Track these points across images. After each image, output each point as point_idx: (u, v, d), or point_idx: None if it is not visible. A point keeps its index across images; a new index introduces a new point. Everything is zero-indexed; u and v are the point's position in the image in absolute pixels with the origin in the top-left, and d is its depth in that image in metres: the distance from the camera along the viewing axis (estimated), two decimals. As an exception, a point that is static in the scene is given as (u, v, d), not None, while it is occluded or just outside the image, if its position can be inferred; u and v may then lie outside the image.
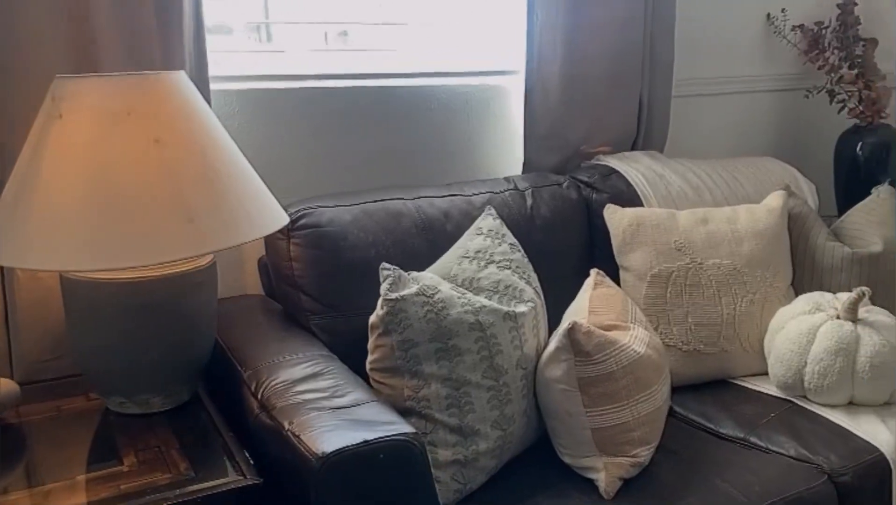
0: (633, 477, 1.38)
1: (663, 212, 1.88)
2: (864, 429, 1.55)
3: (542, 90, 1.99)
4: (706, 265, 1.80)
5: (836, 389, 1.61)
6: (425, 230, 1.67)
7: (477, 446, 1.33)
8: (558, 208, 1.88)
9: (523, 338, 1.41)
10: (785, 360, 1.67)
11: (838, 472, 1.45)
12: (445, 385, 1.32)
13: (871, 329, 1.62)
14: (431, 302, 1.33)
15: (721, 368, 1.79)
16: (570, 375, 1.35)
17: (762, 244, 1.83)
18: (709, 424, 1.63)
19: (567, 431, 1.38)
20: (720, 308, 1.78)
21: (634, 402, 1.38)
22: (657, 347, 1.50)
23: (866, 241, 1.90)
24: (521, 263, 1.54)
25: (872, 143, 2.40)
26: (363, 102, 1.89)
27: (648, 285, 1.80)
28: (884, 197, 1.99)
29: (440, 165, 1.99)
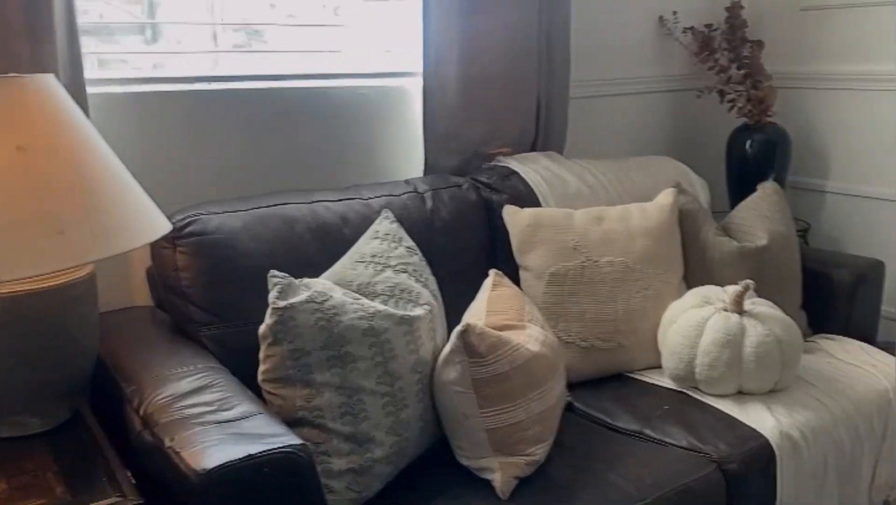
0: (529, 475, 1.39)
1: (560, 212, 1.91)
2: (751, 417, 1.62)
3: (439, 92, 1.99)
4: (601, 263, 1.84)
5: (724, 380, 1.67)
6: (321, 235, 1.65)
7: (372, 454, 1.31)
8: (458, 210, 1.88)
9: (419, 342, 1.40)
10: (677, 352, 1.72)
11: (726, 459, 1.50)
12: (339, 393, 1.30)
13: (755, 320, 1.69)
14: (322, 309, 1.31)
15: (618, 362, 1.84)
16: (465, 376, 1.35)
17: (654, 241, 1.88)
18: (606, 419, 1.66)
19: (463, 433, 1.39)
20: (615, 304, 1.82)
21: (528, 400, 1.39)
22: (552, 345, 1.52)
23: (753, 235, 1.98)
24: (418, 267, 1.54)
25: (760, 140, 2.50)
26: (255, 105, 1.84)
27: (547, 284, 1.82)
28: (769, 193, 2.08)
29: (338, 169, 1.97)
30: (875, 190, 2.45)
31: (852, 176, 2.52)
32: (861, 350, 1.92)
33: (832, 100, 2.53)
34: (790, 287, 1.98)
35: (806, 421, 1.61)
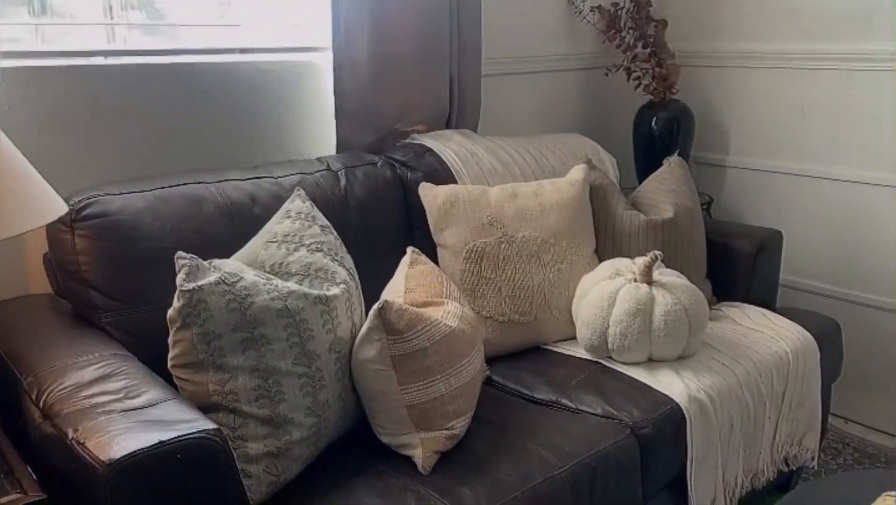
0: (450, 449, 1.39)
1: (476, 188, 1.91)
2: (662, 383, 1.67)
3: (350, 68, 1.96)
4: (517, 238, 1.86)
5: (636, 348, 1.72)
6: (230, 216, 1.59)
7: (290, 436, 1.28)
8: (373, 188, 1.86)
9: (336, 321, 1.38)
10: (590, 323, 1.76)
11: (640, 425, 1.55)
12: (254, 376, 1.27)
13: (664, 290, 1.74)
14: (234, 290, 1.27)
15: (535, 335, 1.86)
16: (384, 354, 1.34)
17: (566, 216, 1.92)
18: (524, 391, 1.69)
19: (383, 411, 1.38)
20: (531, 279, 1.85)
21: (448, 375, 1.39)
22: (470, 320, 1.52)
23: (660, 208, 2.04)
24: (333, 245, 1.51)
25: (665, 117, 2.58)
26: (158, 81, 1.76)
27: (464, 261, 1.83)
28: (674, 167, 2.15)
29: (246, 148, 1.91)
30: (773, 164, 2.57)
31: (752, 150, 2.63)
32: (762, 316, 2.01)
33: (731, 77, 2.63)
34: (696, 258, 2.06)
35: (712, 384, 1.68)
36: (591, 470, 1.41)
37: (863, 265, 2.42)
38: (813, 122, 2.46)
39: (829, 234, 2.48)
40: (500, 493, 1.29)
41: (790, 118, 2.51)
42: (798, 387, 1.87)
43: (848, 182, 2.41)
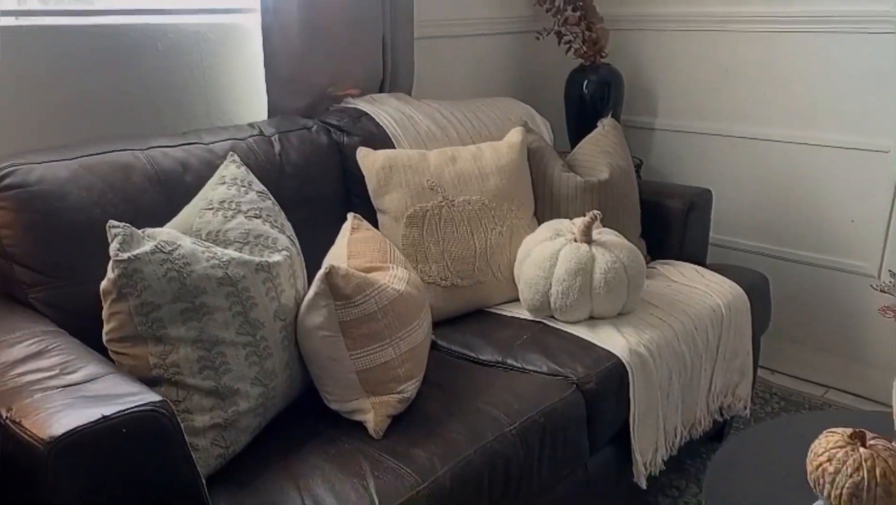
0: (401, 413, 1.39)
1: (415, 153, 1.89)
2: (603, 339, 1.70)
3: (280, 30, 1.89)
4: (457, 202, 1.85)
5: (577, 306, 1.75)
6: (160, 184, 1.53)
7: (237, 407, 1.25)
8: (308, 153, 1.81)
9: (279, 289, 1.34)
10: (532, 284, 1.78)
11: (584, 380, 1.57)
12: (196, 347, 1.22)
13: (603, 249, 1.77)
14: (172, 259, 1.21)
15: (478, 299, 1.87)
16: (332, 320, 1.31)
17: (506, 179, 1.92)
18: (470, 353, 1.69)
19: (332, 378, 1.35)
20: (472, 242, 1.84)
21: (397, 339, 1.38)
22: (416, 284, 1.51)
23: (595, 170, 2.07)
24: (272, 212, 1.47)
25: (596, 80, 2.60)
26: (75, 43, 1.66)
27: (405, 226, 1.81)
28: (608, 129, 2.18)
29: (172, 114, 1.83)
30: (700, 125, 2.64)
31: (679, 113, 2.69)
32: (695, 272, 2.08)
33: (659, 41, 2.68)
34: (631, 217, 2.10)
35: (651, 338, 1.72)
36: (540, 426, 1.43)
37: (788, 222, 2.52)
38: (737, 84, 2.53)
39: (754, 192, 2.57)
40: (453, 452, 1.29)
41: (715, 80, 2.58)
42: (731, 338, 1.94)
43: (770, 141, 2.49)
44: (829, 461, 0.97)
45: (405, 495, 1.19)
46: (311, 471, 1.23)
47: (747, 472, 1.14)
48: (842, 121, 2.34)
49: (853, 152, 2.34)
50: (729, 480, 1.14)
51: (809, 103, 2.39)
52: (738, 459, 1.20)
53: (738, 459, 1.19)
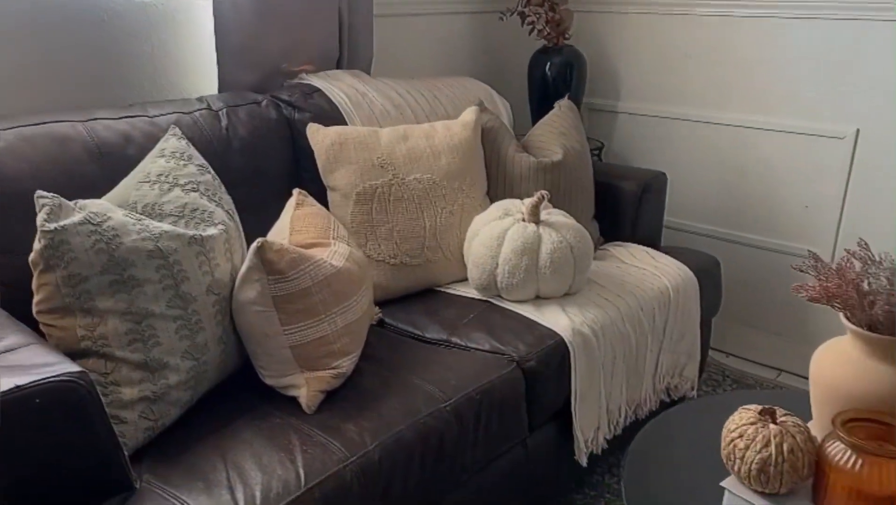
0: (337, 388, 1.39)
1: (365, 130, 1.88)
2: (548, 318, 1.71)
3: (232, 2, 1.87)
4: (408, 180, 1.85)
5: (523, 286, 1.76)
6: (101, 157, 1.51)
7: (167, 380, 1.25)
8: (257, 128, 1.80)
9: (214, 263, 1.34)
10: (480, 263, 1.78)
11: (525, 358, 1.58)
12: (125, 320, 1.22)
13: (551, 229, 1.77)
14: (101, 231, 1.20)
15: (427, 277, 1.87)
16: (265, 294, 1.31)
17: (458, 158, 1.92)
18: (416, 331, 1.70)
19: (266, 353, 1.35)
20: (423, 221, 1.84)
21: (333, 315, 1.38)
22: (358, 260, 1.51)
23: (549, 151, 2.07)
24: (210, 185, 1.46)
25: (559, 62, 2.60)
26: (15, 12, 1.63)
27: (354, 203, 1.80)
28: (564, 110, 2.18)
29: (119, 86, 1.81)
30: (661, 109, 2.65)
31: (641, 96, 2.70)
32: (646, 254, 2.09)
33: (622, 23, 2.67)
34: (584, 199, 2.10)
35: (596, 318, 1.73)
36: (476, 402, 1.44)
37: (743, 206, 2.54)
38: (698, 68, 2.54)
39: (712, 176, 2.59)
40: (384, 427, 1.30)
41: (677, 64, 2.58)
42: (678, 320, 1.96)
43: (729, 126, 2.51)
44: (739, 437, 0.99)
45: (332, 469, 1.19)
46: (240, 445, 1.23)
47: (669, 450, 1.15)
48: (798, 106, 2.36)
49: (808, 138, 2.36)
50: (650, 457, 1.16)
51: (767, 88, 2.40)
52: (661, 437, 1.21)
53: (661, 438, 1.21)
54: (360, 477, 1.21)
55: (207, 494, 1.11)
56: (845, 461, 0.92)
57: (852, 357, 1.02)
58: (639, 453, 1.16)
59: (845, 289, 0.99)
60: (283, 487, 1.14)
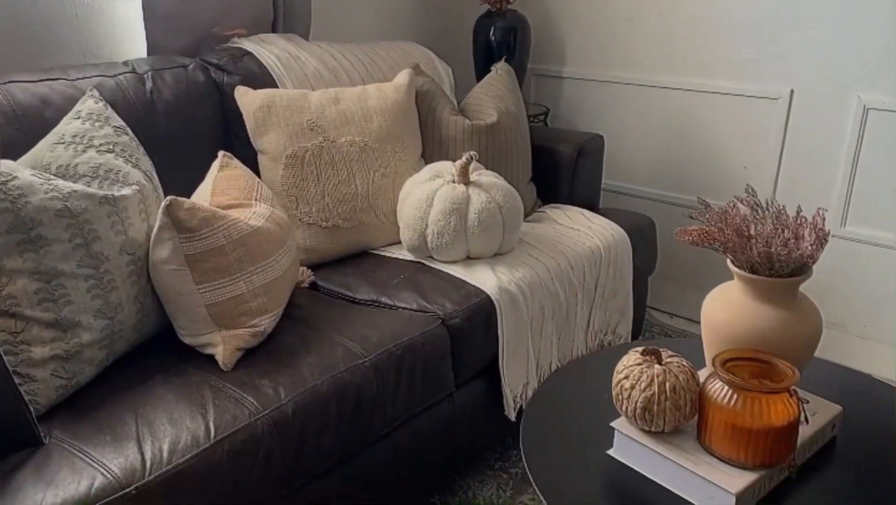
0: (257, 347, 1.41)
1: (295, 92, 1.87)
2: (477, 278, 1.73)
3: (157, -35, 1.85)
4: (339, 143, 1.85)
5: (453, 246, 1.77)
6: (17, 119, 1.50)
7: (80, 339, 1.25)
8: (184, 92, 1.79)
9: (127, 222, 1.34)
10: (410, 225, 1.79)
11: (450, 316, 1.60)
12: (34, 279, 1.22)
13: (480, 189, 1.79)
14: (5, 190, 1.20)
15: (360, 240, 1.88)
16: (177, 253, 1.32)
17: (390, 120, 1.92)
18: (347, 293, 1.71)
19: (182, 312, 1.36)
20: (355, 184, 1.85)
21: (249, 274, 1.39)
22: (279, 221, 1.52)
23: (484, 113, 2.08)
24: (127, 146, 1.45)
25: (503, 27, 2.60)
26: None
27: (284, 166, 1.80)
28: (500, 74, 2.18)
29: (44, 51, 1.78)
30: (606, 73, 2.66)
31: (586, 61, 2.71)
32: (581, 215, 2.11)
33: (565, -13, 2.68)
34: (520, 161, 2.12)
35: (524, 277, 1.76)
36: (397, 358, 1.46)
37: (684, 168, 2.57)
38: (640, 33, 2.55)
39: (654, 140, 2.61)
40: (300, 382, 1.31)
41: (620, 29, 2.59)
42: (610, 279, 1.99)
43: (670, 89, 2.53)
44: (626, 378, 1.02)
45: (243, 423, 1.21)
46: (153, 401, 1.24)
47: (571, 397, 1.18)
48: (736, 69, 2.38)
49: (746, 99, 2.39)
50: (551, 405, 1.19)
51: (706, 51, 2.42)
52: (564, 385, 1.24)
53: (564, 386, 1.23)
54: (272, 430, 1.23)
55: (114, 446, 1.12)
56: (723, 398, 0.95)
57: (737, 299, 1.05)
58: (540, 401, 1.19)
59: (726, 232, 1.02)
60: (192, 439, 1.16)
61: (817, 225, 1.00)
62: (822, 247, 1.00)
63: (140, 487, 1.06)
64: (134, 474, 1.08)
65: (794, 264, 0.99)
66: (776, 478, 0.99)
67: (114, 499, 1.04)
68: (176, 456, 1.12)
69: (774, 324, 1.01)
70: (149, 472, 1.09)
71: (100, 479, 1.06)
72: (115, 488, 1.05)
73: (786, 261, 0.99)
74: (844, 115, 2.22)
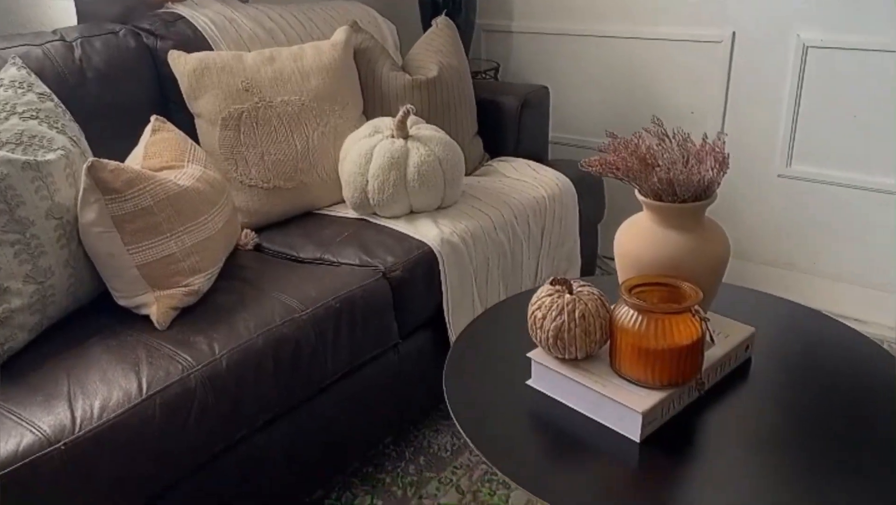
0: (193, 306, 1.41)
1: (229, 54, 1.86)
2: (420, 231, 1.75)
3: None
4: (276, 103, 1.84)
5: (395, 201, 1.78)
6: (-62, 90, 1.48)
7: (9, 304, 1.25)
8: (114, 59, 1.77)
9: (53, 188, 1.33)
10: (351, 182, 1.80)
11: (391, 269, 1.62)
12: (-42, 246, 1.22)
13: (419, 143, 1.79)
14: (-79, 158, 1.19)
15: (304, 201, 1.88)
16: (103, 215, 1.32)
17: (329, 78, 1.91)
18: (291, 252, 1.72)
19: (114, 274, 1.37)
20: (294, 144, 1.85)
21: (179, 233, 1.39)
22: (211, 181, 1.52)
23: (425, 68, 2.08)
24: (51, 113, 1.44)
25: (447, -17, 2.58)
26: None
27: (221, 129, 1.80)
28: (441, 28, 2.17)
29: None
30: (553, 26, 2.66)
31: (533, 14, 2.70)
32: (528, 167, 2.13)
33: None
34: (464, 115, 2.12)
35: (466, 228, 1.77)
36: (335, 311, 1.47)
37: (633, 117, 2.58)
38: (583, -19, 2.54)
39: (605, 89, 2.62)
40: (235, 337, 1.33)
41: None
42: (556, 227, 2.01)
43: (616, 38, 2.53)
44: (538, 309, 1.04)
45: (176, 377, 1.22)
46: (87, 362, 1.25)
47: (496, 334, 1.20)
48: (678, 14, 2.38)
49: (689, 44, 2.40)
50: (476, 341, 1.21)
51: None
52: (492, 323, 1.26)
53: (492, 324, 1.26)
54: (205, 384, 1.24)
55: (44, 406, 1.13)
56: (630, 322, 0.97)
57: (646, 228, 1.07)
58: (465, 339, 1.21)
59: (628, 161, 1.03)
60: (124, 395, 1.17)
61: (717, 149, 1.02)
62: (723, 171, 1.02)
63: (69, 443, 1.08)
64: (63, 431, 1.09)
65: (695, 189, 1.01)
66: (686, 398, 1.02)
67: (42, 455, 1.05)
68: (107, 412, 1.14)
69: (681, 249, 1.03)
70: (79, 428, 1.10)
71: (28, 436, 1.07)
72: (43, 445, 1.06)
73: (686, 185, 1.01)
74: (785, 55, 2.24)
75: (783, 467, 0.92)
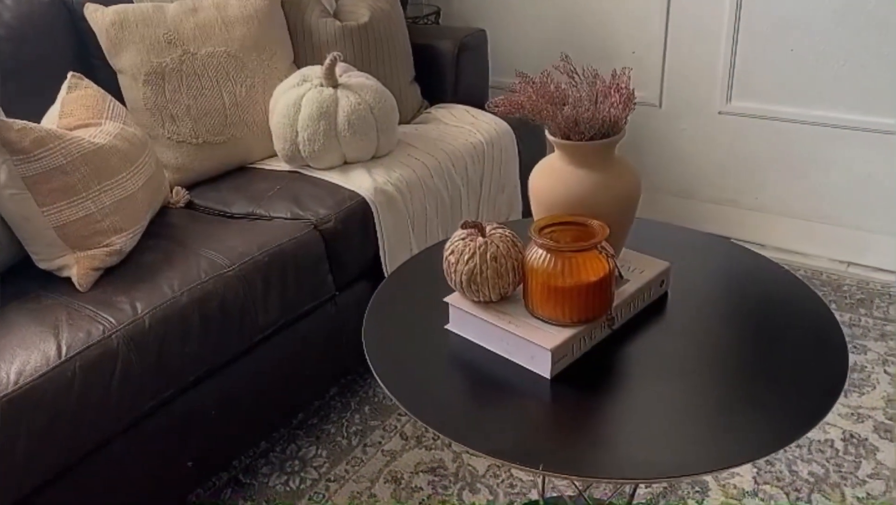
0: (116, 266, 1.39)
1: (148, 5, 1.80)
2: (353, 182, 1.73)
3: None
4: (200, 55, 1.79)
5: (327, 152, 1.76)
6: None
7: (-80, 272, 1.22)
8: (26, 14, 1.70)
9: (-40, 150, 1.29)
10: (281, 134, 1.77)
11: (323, 221, 1.60)
12: None
13: (349, 91, 1.76)
14: None
15: (235, 155, 1.85)
16: (13, 176, 1.28)
17: (254, 28, 1.86)
18: (223, 208, 1.69)
19: (32, 237, 1.34)
20: (222, 97, 1.80)
21: (97, 192, 1.36)
22: (129, 138, 1.48)
23: (356, 14, 2.03)
24: (-45, 73, 1.38)
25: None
26: None
27: (144, 84, 1.75)
28: (373, -28, 2.11)
29: None
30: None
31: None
32: (466, 113, 2.10)
33: None
34: (399, 62, 2.08)
35: (401, 177, 1.75)
36: (264, 266, 1.46)
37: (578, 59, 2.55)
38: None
39: (546, 32, 2.58)
40: (158, 295, 1.31)
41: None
42: (495, 173, 2.00)
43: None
44: (452, 253, 1.03)
45: (96, 338, 1.21)
46: (6, 328, 1.23)
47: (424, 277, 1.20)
48: (616, -50, 2.35)
49: (629, -18, 2.37)
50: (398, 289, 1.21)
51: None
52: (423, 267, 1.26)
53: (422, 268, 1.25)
54: (128, 343, 1.23)
55: (-42, 374, 1.11)
56: (540, 261, 0.98)
57: (557, 168, 1.06)
58: (389, 286, 1.21)
59: (534, 100, 1.02)
60: (43, 359, 1.16)
61: (622, 85, 1.01)
62: (629, 107, 1.01)
63: (-16, 409, 1.06)
64: (-23, 397, 1.07)
65: (601, 125, 1.00)
66: (597, 334, 1.03)
67: (-44, 422, 1.04)
68: (24, 377, 1.12)
69: (591, 187, 1.03)
70: (-6, 393, 1.09)
71: (-60, 404, 1.05)
72: (-44, 412, 1.05)
73: (591, 122, 1.00)
74: (722, -10, 2.22)
75: (694, 400, 0.94)
